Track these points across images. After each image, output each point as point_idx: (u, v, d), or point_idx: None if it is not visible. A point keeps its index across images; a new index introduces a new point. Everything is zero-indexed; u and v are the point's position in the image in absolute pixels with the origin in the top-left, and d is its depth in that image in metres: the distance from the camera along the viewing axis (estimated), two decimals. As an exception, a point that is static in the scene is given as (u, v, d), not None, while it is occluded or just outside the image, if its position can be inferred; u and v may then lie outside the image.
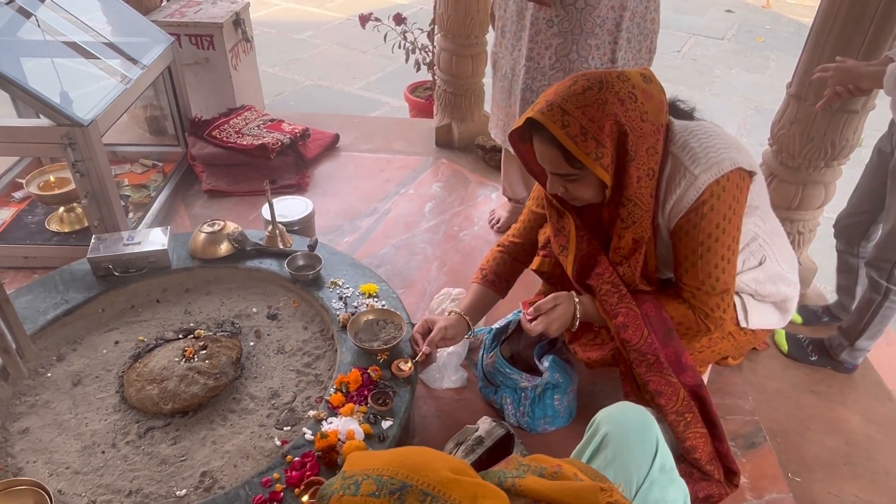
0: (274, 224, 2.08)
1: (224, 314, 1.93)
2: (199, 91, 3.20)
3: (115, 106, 2.28)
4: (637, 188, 1.39)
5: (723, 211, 1.39)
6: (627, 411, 1.23)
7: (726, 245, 1.43)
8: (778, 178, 2.17)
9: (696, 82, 5.25)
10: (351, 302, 1.88)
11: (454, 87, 3.18)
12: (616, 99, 1.32)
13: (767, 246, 1.59)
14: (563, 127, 1.32)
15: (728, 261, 1.44)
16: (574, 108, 1.32)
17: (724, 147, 1.40)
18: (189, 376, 1.64)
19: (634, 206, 1.42)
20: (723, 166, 1.37)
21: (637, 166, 1.36)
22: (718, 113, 4.62)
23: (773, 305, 1.67)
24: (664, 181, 1.43)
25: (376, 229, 2.72)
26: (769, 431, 1.88)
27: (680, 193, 1.40)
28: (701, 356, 1.65)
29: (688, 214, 1.41)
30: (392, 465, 0.84)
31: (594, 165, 1.34)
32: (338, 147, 3.31)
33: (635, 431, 1.18)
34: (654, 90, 1.37)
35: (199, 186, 2.92)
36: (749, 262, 1.59)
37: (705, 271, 1.45)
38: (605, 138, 1.33)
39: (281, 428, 1.59)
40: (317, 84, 5.04)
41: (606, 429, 1.19)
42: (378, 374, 1.63)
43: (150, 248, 1.96)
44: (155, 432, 1.58)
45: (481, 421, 1.66)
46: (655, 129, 1.37)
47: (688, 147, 1.40)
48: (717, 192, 1.38)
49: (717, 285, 1.46)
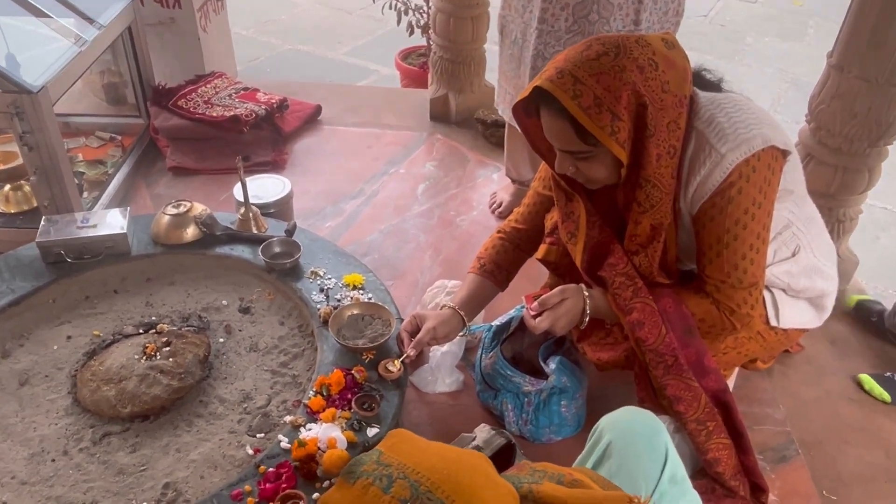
0: (247, 206, 2.08)
1: (190, 307, 1.93)
2: (163, 55, 3.18)
3: (68, 71, 2.26)
4: (656, 167, 1.39)
5: (752, 194, 1.40)
6: (633, 417, 1.23)
7: (755, 233, 1.43)
8: (816, 159, 2.17)
9: (725, 51, 5.23)
10: (333, 294, 1.88)
11: (452, 54, 3.16)
12: (635, 66, 1.32)
13: (802, 235, 1.60)
14: (575, 97, 1.32)
15: (757, 250, 1.45)
16: (587, 76, 1.32)
17: (755, 122, 1.40)
18: (150, 376, 1.64)
19: (653, 188, 1.42)
20: (753, 144, 1.37)
21: (657, 143, 1.36)
22: (749, 86, 4.61)
23: (807, 302, 1.67)
24: (687, 160, 1.43)
25: (362, 213, 2.72)
26: (802, 444, 1.89)
27: (705, 174, 1.40)
28: (725, 358, 1.66)
29: (713, 198, 1.41)
30: (437, 475, 0.83)
31: (609, 141, 1.34)
32: (319, 120, 3.30)
33: (642, 438, 1.19)
34: (677, 57, 1.37)
35: (162, 163, 2.91)
36: (781, 253, 1.60)
37: (731, 262, 1.45)
38: (622, 110, 1.32)
39: (253, 435, 1.59)
40: (296, 49, 5.01)
41: (610, 436, 1.20)
42: (363, 376, 1.64)
43: (107, 231, 1.95)
44: (112, 438, 1.58)
45: (479, 429, 1.67)
46: (678, 102, 1.37)
47: (714, 122, 1.40)
48: (747, 173, 1.38)
49: (744, 278, 1.46)
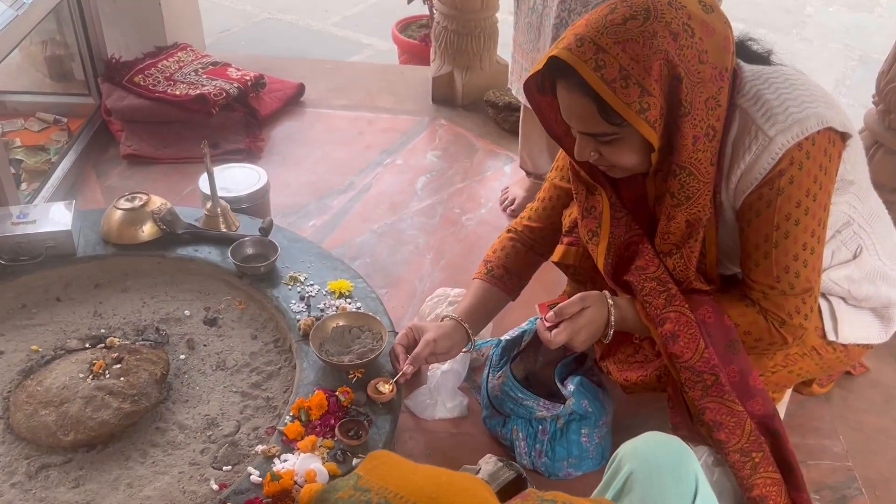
0: (214, 200, 2.09)
1: (146, 318, 1.94)
2: (117, 23, 3.20)
3: (1, 39, 2.28)
4: (693, 152, 1.40)
5: (806, 184, 1.40)
6: (657, 443, 1.24)
7: (810, 230, 1.43)
8: (885, 147, 2.19)
9: (782, 23, 5.24)
10: (316, 303, 1.89)
11: (458, 25, 3.18)
12: (667, 32, 1.32)
13: (865, 234, 1.60)
14: (597, 68, 1.32)
15: (812, 251, 1.45)
16: (612, 44, 1.32)
17: (808, 100, 1.40)
18: (98, 398, 1.65)
19: (689, 177, 1.43)
20: (807, 125, 1.38)
21: (693, 123, 1.37)
22: (810, 63, 4.62)
23: (871, 313, 1.68)
24: (729, 145, 1.44)
25: (352, 210, 2.73)
26: (865, 481, 1.89)
27: (750, 161, 1.41)
28: (775, 378, 1.66)
29: (759, 189, 1.42)
30: (424, 499, 0.84)
31: (637, 120, 1.35)
32: (302, 101, 3.31)
33: (668, 468, 1.19)
34: (716, 23, 1.37)
35: (115, 150, 2.92)
36: (840, 255, 1.60)
37: (781, 264, 1.46)
38: (653, 84, 1.33)
39: (219, 467, 1.60)
40: (276, 17, 5.04)
41: (631, 466, 1.20)
42: (349, 398, 1.64)
43: (49, 228, 1.97)
44: (51, 471, 1.59)
45: (484, 460, 1.67)
46: (717, 75, 1.37)
47: (762, 100, 1.41)
48: (799, 160, 1.39)
49: (796, 283, 1.46)
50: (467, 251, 2.56)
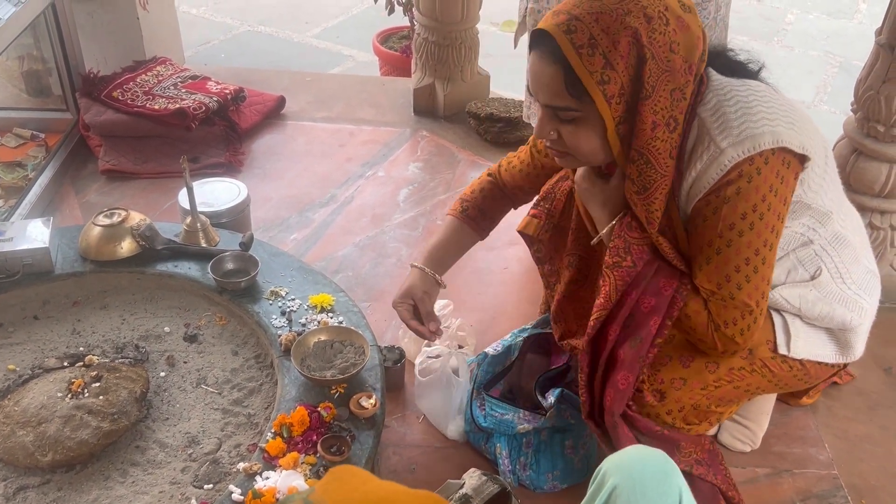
0: (194, 215, 2.09)
1: (125, 335, 1.94)
2: (94, 37, 3.19)
3: (-21, 56, 2.27)
4: (651, 139, 1.41)
5: (753, 199, 1.42)
6: (641, 457, 1.24)
7: (753, 247, 1.44)
8: (863, 154, 2.20)
9: (763, 30, 5.28)
10: (297, 318, 1.88)
11: (439, 36, 3.20)
12: (642, 14, 1.36)
13: (827, 257, 1.59)
14: (569, 31, 1.37)
15: (755, 269, 1.46)
16: (586, 14, 1.37)
17: (768, 118, 1.41)
18: (76, 417, 1.64)
19: (646, 165, 1.44)
20: (760, 142, 1.39)
21: (654, 108, 1.39)
22: (791, 71, 4.66)
23: (825, 332, 1.66)
24: (687, 151, 1.46)
25: (334, 223, 2.73)
26: (852, 490, 1.90)
27: (700, 169, 1.44)
28: (719, 392, 1.62)
29: (707, 196, 1.44)
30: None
31: (596, 91, 1.37)
32: (283, 114, 3.32)
33: (652, 482, 1.20)
34: (691, 22, 1.40)
35: (94, 165, 2.92)
36: (797, 274, 1.60)
37: (722, 273, 1.47)
38: (618, 59, 1.36)
39: (200, 486, 1.59)
40: (255, 30, 5.04)
41: (615, 480, 1.20)
42: (332, 414, 1.64)
43: (26, 245, 1.96)
44: (29, 493, 1.58)
45: (468, 474, 1.67)
46: (687, 69, 1.40)
47: (720, 111, 1.43)
48: (749, 174, 1.40)
49: (737, 294, 1.47)
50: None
